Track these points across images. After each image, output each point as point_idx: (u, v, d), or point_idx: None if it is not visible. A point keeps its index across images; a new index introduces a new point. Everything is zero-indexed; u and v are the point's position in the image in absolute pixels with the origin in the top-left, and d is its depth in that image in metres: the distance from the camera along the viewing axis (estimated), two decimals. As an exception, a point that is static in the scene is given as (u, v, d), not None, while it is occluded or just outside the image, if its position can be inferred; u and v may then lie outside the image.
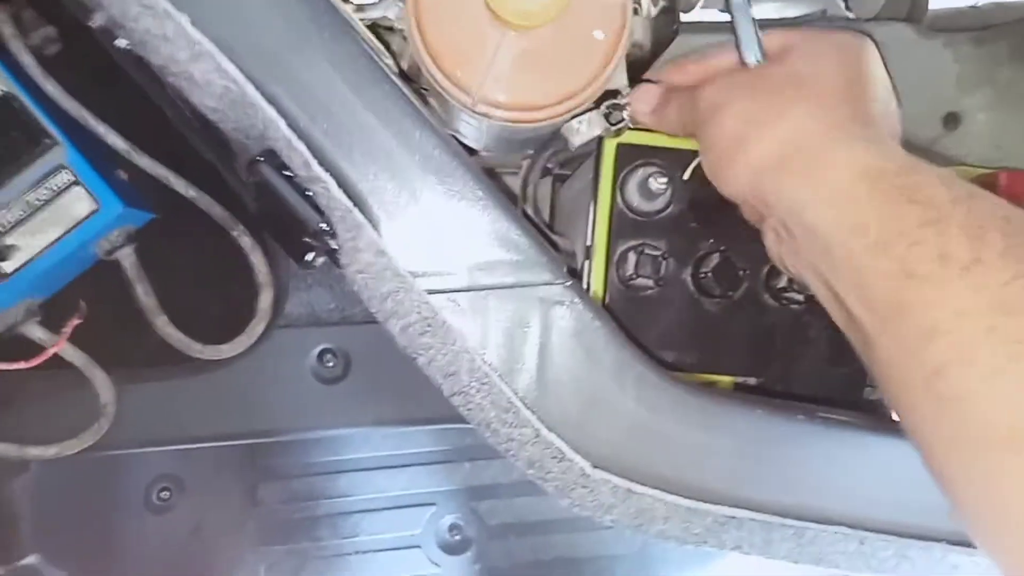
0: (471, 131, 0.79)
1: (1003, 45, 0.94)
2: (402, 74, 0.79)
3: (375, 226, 0.43)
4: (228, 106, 0.44)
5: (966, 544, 0.54)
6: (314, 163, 0.43)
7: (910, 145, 0.92)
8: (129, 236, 0.77)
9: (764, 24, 0.97)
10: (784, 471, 0.50)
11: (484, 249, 0.44)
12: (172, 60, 0.43)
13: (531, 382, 0.44)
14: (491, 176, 0.92)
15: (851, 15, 0.99)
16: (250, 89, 0.43)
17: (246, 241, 0.81)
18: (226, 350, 0.79)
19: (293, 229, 0.48)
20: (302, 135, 0.43)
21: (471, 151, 0.93)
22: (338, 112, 0.43)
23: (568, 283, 0.46)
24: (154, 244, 0.80)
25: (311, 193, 0.44)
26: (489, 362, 0.44)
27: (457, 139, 0.86)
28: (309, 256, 0.53)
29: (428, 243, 0.44)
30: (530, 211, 0.82)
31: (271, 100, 0.43)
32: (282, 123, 0.43)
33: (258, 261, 0.81)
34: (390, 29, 0.83)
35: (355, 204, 0.43)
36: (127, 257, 0.76)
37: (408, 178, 0.43)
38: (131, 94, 0.78)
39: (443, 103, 0.72)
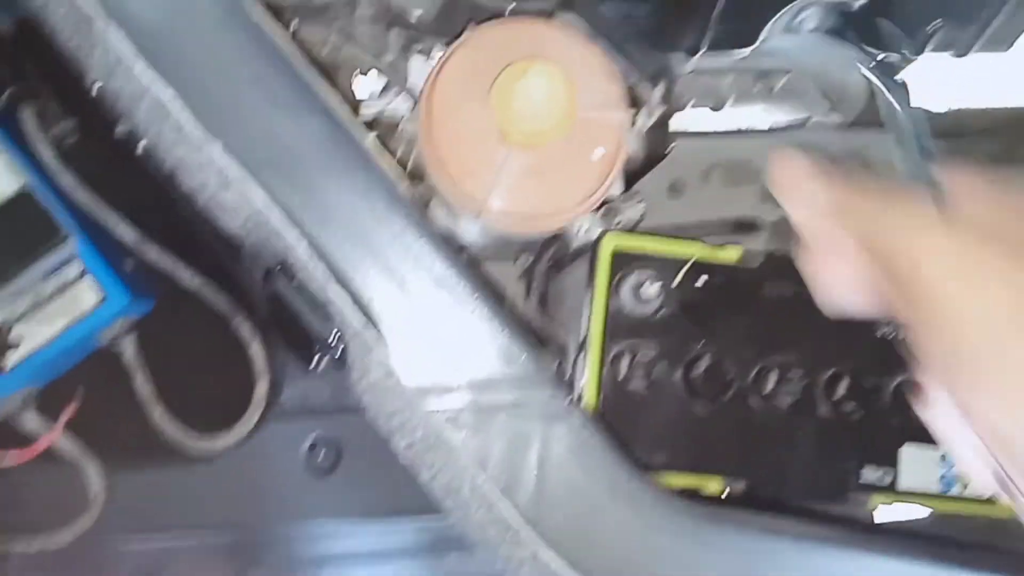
0: (471, 232, 0.82)
1: (978, 152, 0.99)
2: (407, 173, 0.83)
3: (386, 345, 0.45)
4: (252, 229, 0.46)
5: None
6: (331, 284, 0.45)
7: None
8: (131, 325, 0.78)
9: (754, 133, 1.03)
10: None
11: (486, 366, 0.46)
12: (203, 186, 0.46)
13: (529, 499, 0.45)
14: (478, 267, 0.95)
15: (838, 119, 1.04)
16: (275, 216, 0.45)
17: (246, 330, 0.82)
18: (220, 443, 0.79)
19: (304, 337, 0.49)
20: (322, 256, 0.45)
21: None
22: (357, 235, 0.46)
23: (567, 400, 0.48)
24: (153, 329, 0.80)
25: (325, 307, 0.46)
26: (490, 480, 0.45)
27: (455, 235, 0.89)
28: (316, 362, 0.55)
29: (432, 361, 0.45)
30: (532, 309, 0.84)
31: (294, 223, 0.46)
32: (303, 246, 0.45)
33: (257, 350, 0.82)
34: (396, 125, 0.87)
35: (369, 322, 0.45)
36: (128, 346, 0.77)
37: (418, 297, 0.45)
38: (141, 181, 0.80)
39: (444, 201, 0.75)
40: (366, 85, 0.93)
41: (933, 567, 0.53)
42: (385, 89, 0.80)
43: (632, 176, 0.85)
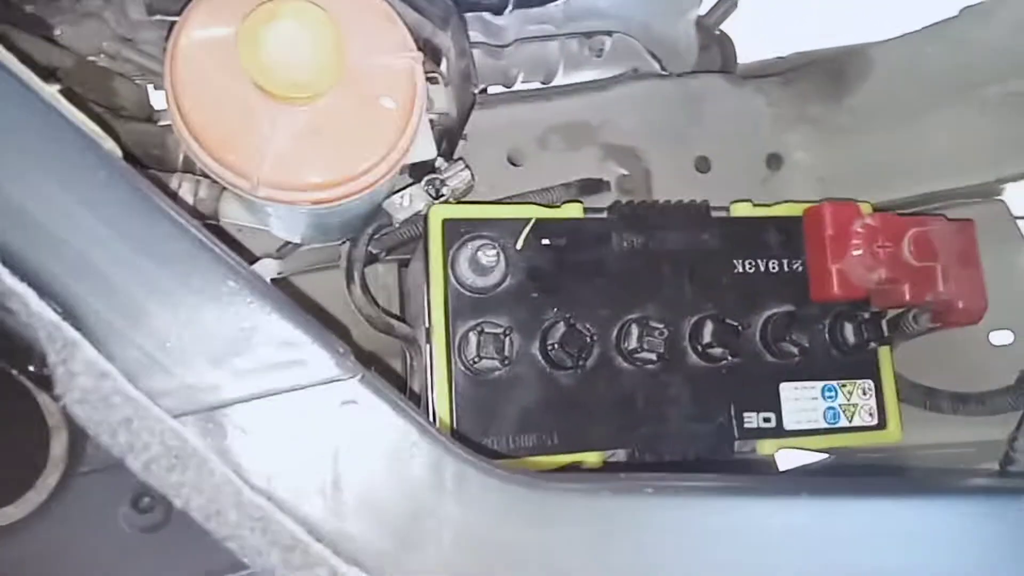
0: (279, 222, 0.72)
1: (808, 84, 0.98)
2: (186, 170, 0.72)
3: (95, 342, 0.35)
4: None
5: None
6: (4, 273, 0.34)
7: (740, 190, 0.94)
8: None
9: (580, 87, 0.98)
10: (641, 556, 0.43)
11: (242, 351, 0.36)
12: None
13: (321, 508, 0.36)
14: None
15: (663, 72, 1.01)
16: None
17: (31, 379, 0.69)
18: (11, 513, 0.66)
19: (19, 358, 0.39)
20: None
21: (296, 245, 0.86)
22: (33, 210, 0.35)
23: (359, 375, 0.39)
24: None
25: (14, 314, 0.35)
26: (264, 491, 0.36)
27: (274, 233, 0.79)
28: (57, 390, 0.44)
29: (169, 355, 0.36)
30: (358, 295, 0.75)
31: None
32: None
33: (47, 401, 0.70)
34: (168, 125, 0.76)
35: (64, 318, 0.35)
36: None
37: (135, 278, 0.36)
38: None
39: (238, 195, 0.66)
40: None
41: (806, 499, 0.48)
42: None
43: (450, 138, 0.78)
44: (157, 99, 0.85)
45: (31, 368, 0.39)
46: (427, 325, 0.72)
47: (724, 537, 0.45)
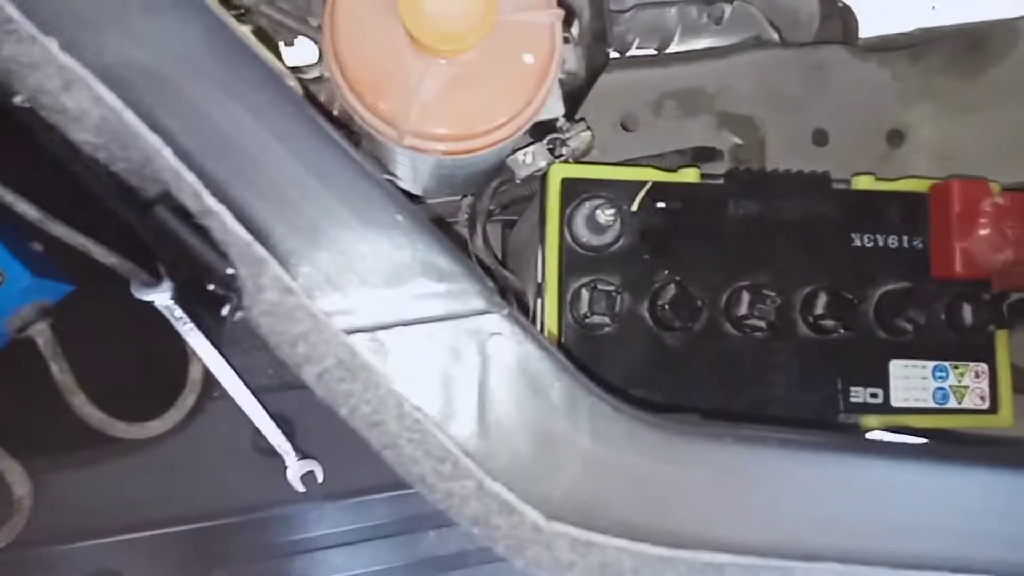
0: (407, 172, 0.75)
1: (937, 57, 0.94)
2: (334, 121, 0.76)
3: (280, 261, 0.38)
4: (109, 139, 0.39)
5: (975, 571, 0.49)
6: (205, 193, 0.38)
7: (857, 165, 0.92)
8: (43, 311, 0.71)
9: (698, 54, 0.98)
10: (763, 504, 0.45)
11: (407, 280, 0.39)
12: (42, 90, 0.39)
13: (470, 426, 0.39)
14: (441, 226, 0.89)
15: (779, 40, 0.99)
16: (129, 116, 0.39)
17: (175, 307, 0.75)
18: (154, 427, 0.73)
19: (200, 279, 0.43)
20: (192, 164, 0.39)
21: (415, 198, 0.89)
22: (233, 138, 0.39)
23: (505, 311, 0.41)
24: (72, 314, 0.74)
25: (209, 231, 0.39)
26: (419, 407, 0.39)
27: (396, 185, 0.83)
28: (225, 310, 0.48)
29: (342, 277, 0.39)
30: (479, 246, 0.78)
31: (156, 128, 0.39)
32: (168, 152, 0.39)
33: (186, 329, 0.75)
34: (319, 78, 0.80)
35: (255, 237, 0.38)
36: (41, 333, 0.70)
37: (317, 206, 0.39)
38: (46, 164, 0.73)
39: (375, 144, 0.69)
40: (296, 54, 0.86)
41: (931, 464, 0.48)
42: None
43: (574, 98, 0.79)
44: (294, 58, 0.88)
45: (211, 287, 0.43)
46: (540, 280, 0.75)
47: (848, 496, 0.46)
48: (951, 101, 0.94)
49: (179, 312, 0.73)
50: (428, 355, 0.40)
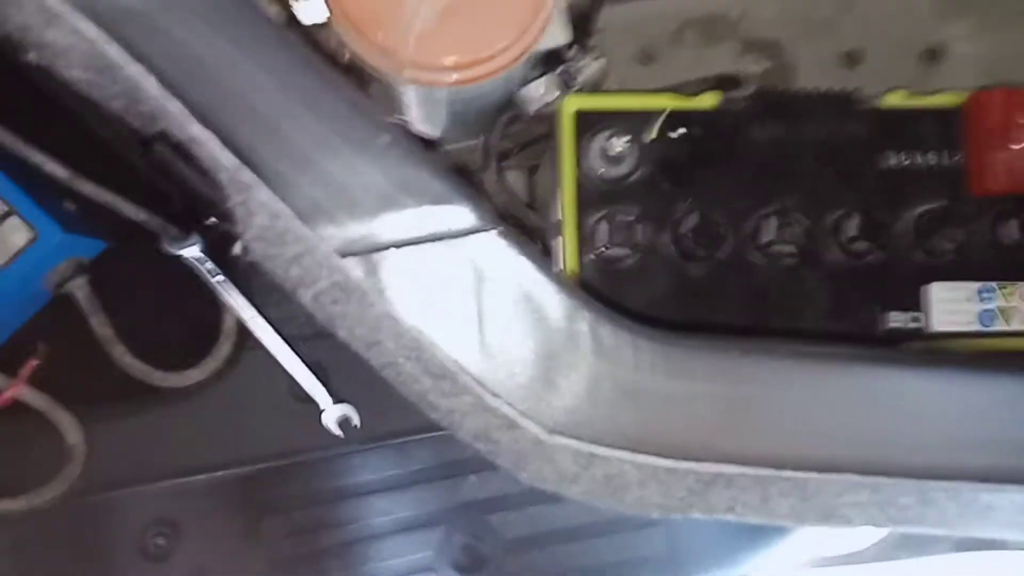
0: (418, 112, 0.75)
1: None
2: (340, 67, 0.76)
3: (269, 184, 0.39)
4: (97, 74, 0.40)
5: (1000, 480, 0.48)
6: (190, 121, 0.39)
7: (890, 84, 0.88)
8: (80, 267, 0.74)
9: None
10: (774, 415, 0.44)
11: (399, 200, 0.40)
12: (26, 29, 0.40)
13: (468, 343, 0.39)
14: (464, 174, 0.88)
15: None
16: (112, 49, 0.39)
17: (207, 261, 0.77)
18: (192, 375, 0.75)
19: (204, 215, 0.44)
20: (177, 92, 0.40)
21: (432, 145, 0.89)
22: (215, 65, 0.40)
23: (499, 229, 0.41)
24: (111, 273, 0.77)
25: (198, 159, 0.40)
26: (415, 325, 0.39)
27: (413, 131, 0.83)
28: (236, 249, 0.50)
29: (333, 198, 0.39)
30: (492, 181, 0.78)
31: (139, 59, 0.40)
32: (152, 81, 0.39)
33: (218, 280, 0.77)
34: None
35: (243, 162, 0.39)
36: (80, 288, 0.73)
37: (303, 131, 0.39)
38: (72, 124, 0.76)
39: (384, 87, 0.69)
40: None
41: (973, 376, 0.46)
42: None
43: (584, 27, 0.77)
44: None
45: (214, 220, 0.44)
46: (558, 217, 0.74)
47: (867, 406, 0.45)
48: (993, 12, 0.89)
49: (209, 264, 0.75)
50: (422, 275, 0.40)
